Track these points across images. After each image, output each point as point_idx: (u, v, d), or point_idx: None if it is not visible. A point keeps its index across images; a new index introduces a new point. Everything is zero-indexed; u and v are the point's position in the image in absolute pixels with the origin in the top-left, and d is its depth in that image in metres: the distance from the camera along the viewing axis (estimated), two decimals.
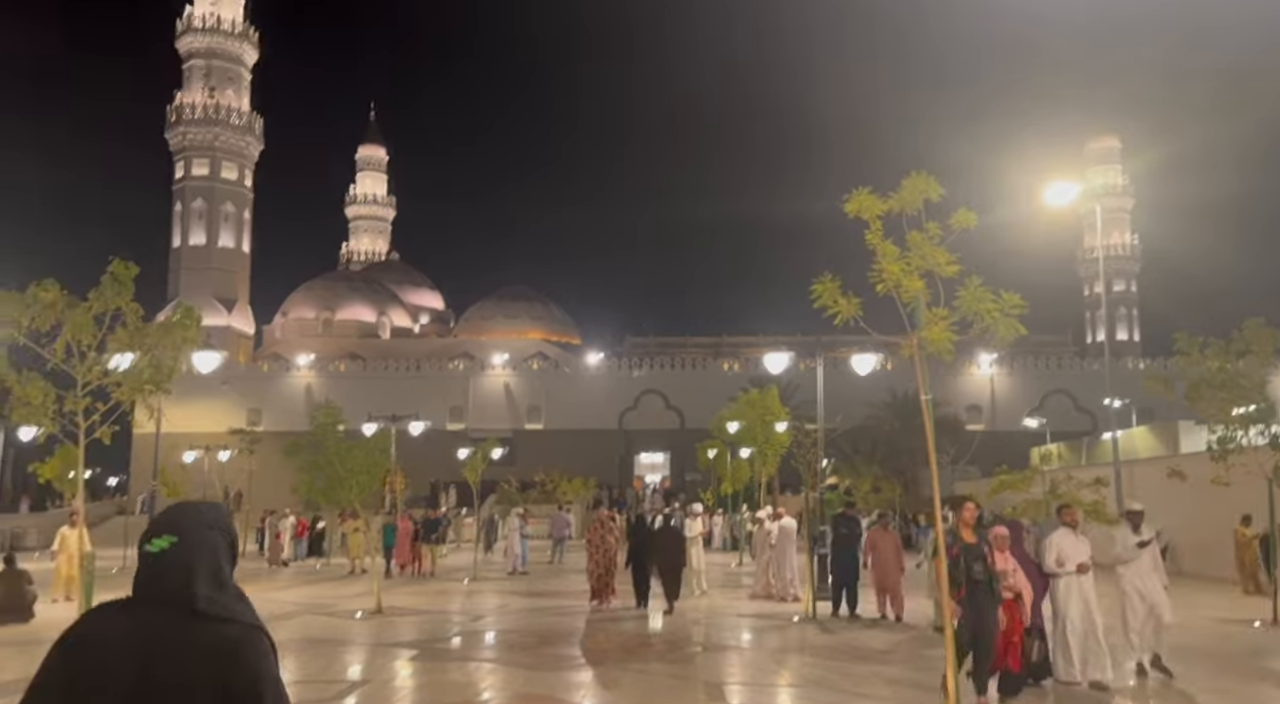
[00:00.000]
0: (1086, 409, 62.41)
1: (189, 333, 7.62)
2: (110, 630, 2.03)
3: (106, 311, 7.60)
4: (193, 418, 58.43)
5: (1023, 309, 6.84)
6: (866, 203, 7.11)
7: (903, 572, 14.22)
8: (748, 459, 28.20)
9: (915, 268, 7.09)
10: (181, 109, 72.74)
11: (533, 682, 9.60)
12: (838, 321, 7.38)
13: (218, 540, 2.12)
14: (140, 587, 2.08)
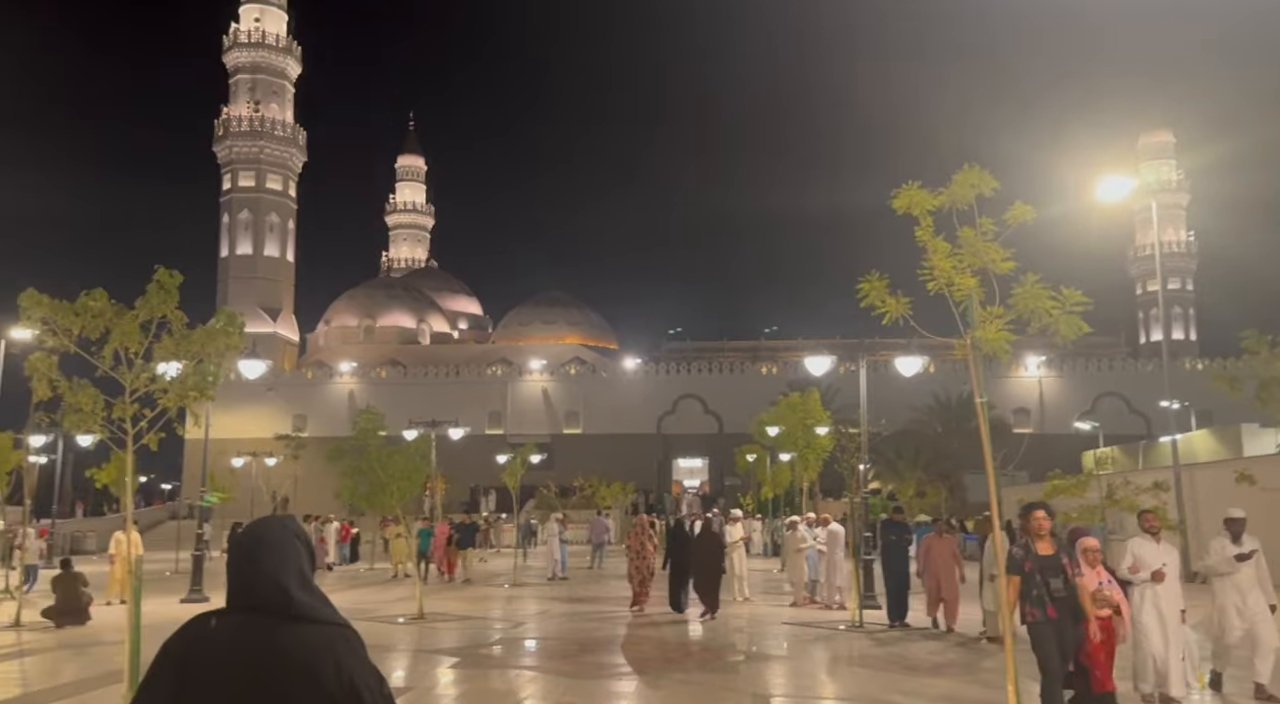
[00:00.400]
0: (1140, 412, 60.99)
1: (232, 339, 7.58)
2: (212, 635, 2.16)
3: (153, 319, 7.59)
4: (241, 424, 59.24)
5: (1086, 306, 6.57)
6: (916, 198, 6.89)
7: (962, 580, 13.71)
8: (788, 463, 27.92)
9: (968, 265, 6.87)
10: (228, 122, 73.97)
11: (574, 690, 9.46)
12: (886, 321, 7.16)
13: (300, 548, 2.28)
14: (235, 595, 2.22)
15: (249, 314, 72.43)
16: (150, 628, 13.90)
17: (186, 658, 2.16)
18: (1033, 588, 6.84)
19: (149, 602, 18.36)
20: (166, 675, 2.16)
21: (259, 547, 2.24)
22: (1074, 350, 69.04)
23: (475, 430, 58.60)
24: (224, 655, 2.13)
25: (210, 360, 7.62)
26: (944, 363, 62.41)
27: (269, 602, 2.17)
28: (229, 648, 2.13)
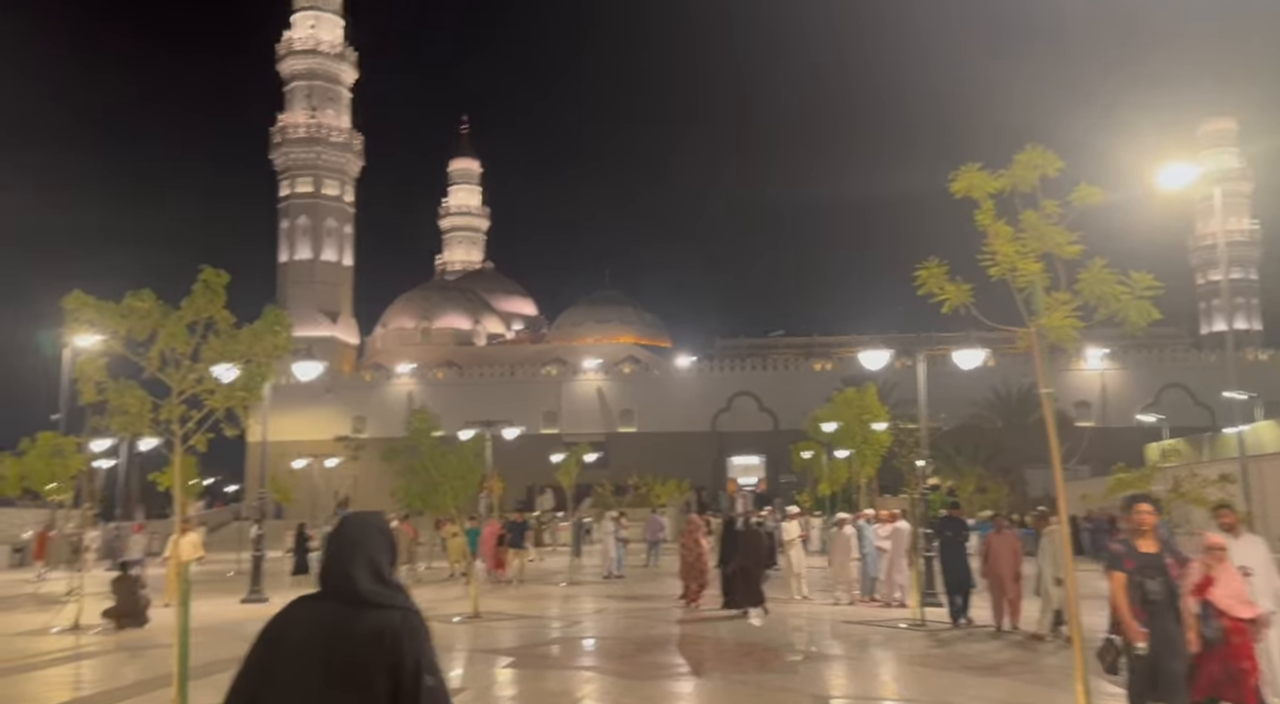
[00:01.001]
0: (1205, 404, 59.29)
1: (279, 339, 7.55)
2: (298, 619, 2.48)
3: (199, 320, 7.59)
4: (302, 426, 60.24)
5: (1156, 291, 6.24)
6: (976, 180, 6.60)
7: (1021, 578, 13.23)
8: (845, 460, 27.48)
9: (1031, 250, 6.58)
10: (285, 130, 75.18)
11: (630, 692, 9.32)
12: (945, 308, 6.88)
13: (379, 541, 2.55)
14: (322, 582, 2.54)
15: (308, 318, 73.63)
16: (209, 630, 14.12)
17: (277, 637, 2.50)
18: (1130, 589, 6.32)
19: (210, 603, 18.73)
20: (260, 652, 2.51)
21: (343, 541, 2.56)
22: (1136, 342, 67.38)
23: (530, 430, 58.85)
24: (304, 635, 2.44)
25: (258, 361, 7.59)
26: (1004, 356, 61.20)
27: (343, 589, 2.47)
28: (308, 628, 2.45)
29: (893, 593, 16.14)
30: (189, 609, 7.29)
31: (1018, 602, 12.96)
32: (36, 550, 31.60)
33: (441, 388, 67.25)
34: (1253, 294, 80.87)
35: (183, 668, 7.05)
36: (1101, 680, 9.01)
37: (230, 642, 12.78)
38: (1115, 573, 6.32)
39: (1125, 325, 6.34)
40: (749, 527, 16.66)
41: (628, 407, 67.55)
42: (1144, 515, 6.49)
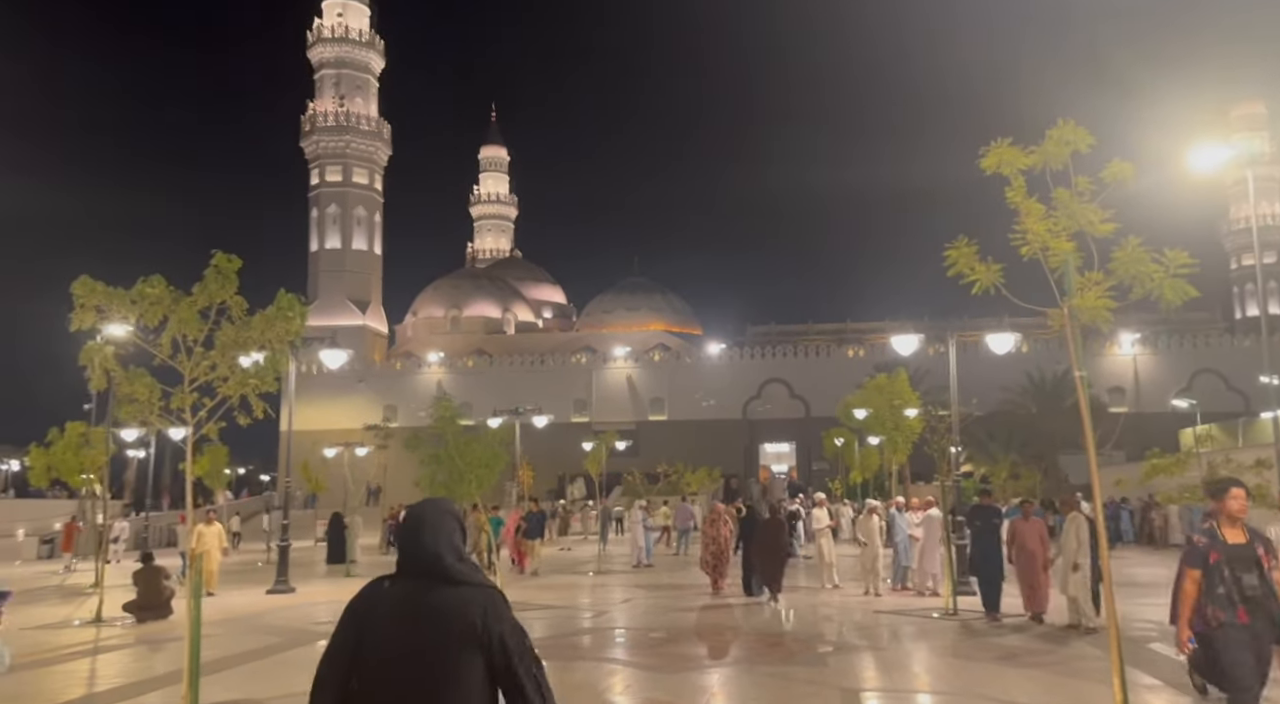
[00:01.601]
0: (1239, 389, 58.28)
1: (292, 325, 7.43)
2: (385, 594, 2.69)
3: (211, 305, 7.48)
4: (334, 415, 60.68)
5: (1193, 268, 5.97)
6: (1007, 156, 6.35)
7: (1049, 565, 12.89)
8: (877, 447, 27.14)
9: (1063, 228, 6.31)
10: (315, 118, 75.52)
11: (658, 684, 9.18)
12: (976, 289, 6.64)
13: (453, 524, 2.76)
14: (403, 562, 2.74)
15: (338, 307, 74.07)
16: (231, 621, 14.14)
17: (364, 612, 2.71)
18: (1218, 585, 5.55)
19: (236, 594, 18.81)
20: (349, 627, 2.71)
21: (421, 524, 2.75)
22: (1169, 327, 66.34)
23: (561, 418, 58.87)
24: (393, 610, 2.65)
25: (272, 347, 7.47)
26: (1037, 342, 60.34)
27: (429, 568, 2.68)
28: (397, 604, 2.66)
29: (925, 582, 15.91)
30: (200, 602, 7.20)
31: (1043, 590, 12.60)
32: (65, 542, 31.79)
33: (471, 376, 67.42)
34: None
35: (194, 664, 6.97)
36: (1139, 673, 8.75)
37: (251, 634, 12.82)
38: (1191, 570, 5.66)
39: (1160, 305, 6.07)
40: (769, 517, 16.71)
41: (658, 394, 67.36)
42: (1238, 501, 5.75)
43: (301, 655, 11.20)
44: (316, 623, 13.80)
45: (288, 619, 14.34)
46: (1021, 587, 12.91)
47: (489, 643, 2.62)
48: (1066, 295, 6.37)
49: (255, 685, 9.25)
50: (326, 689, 2.70)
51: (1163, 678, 8.83)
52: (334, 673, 2.71)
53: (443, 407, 14.51)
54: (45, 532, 36.50)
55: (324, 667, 2.74)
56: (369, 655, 2.66)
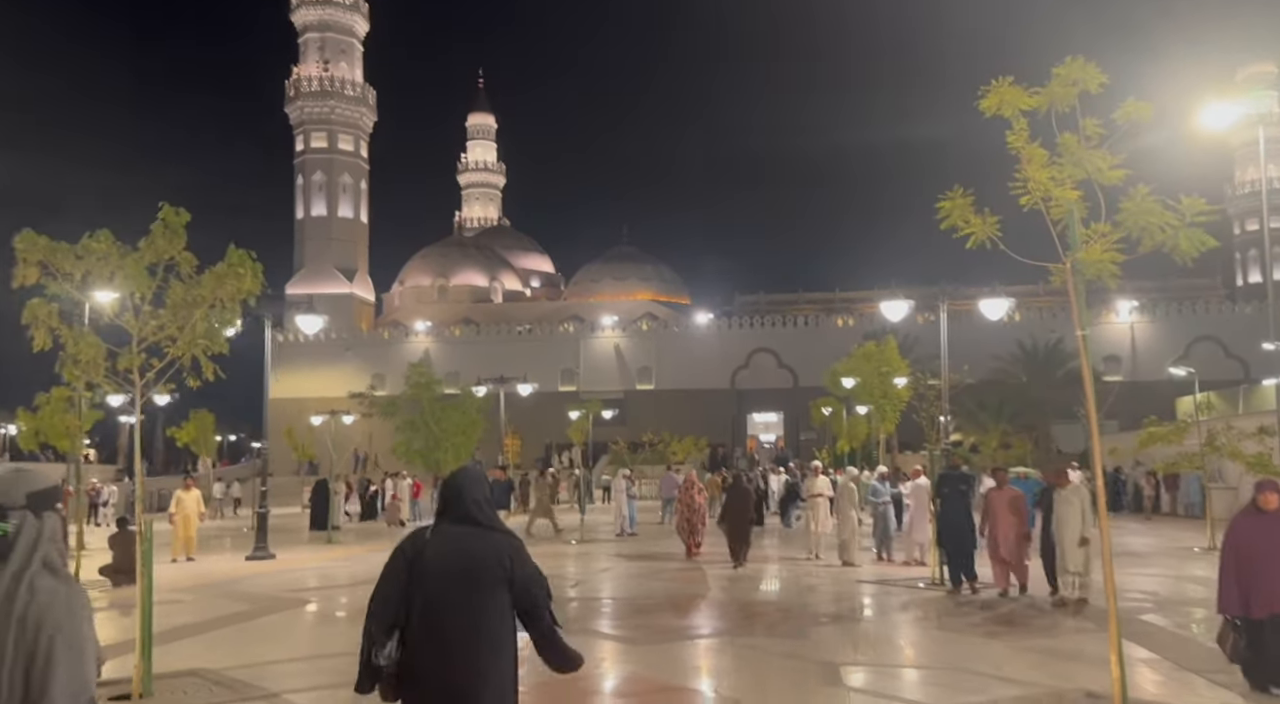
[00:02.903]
0: (1238, 356, 58.01)
1: (244, 282, 6.96)
2: (429, 539, 3.30)
3: (159, 262, 7.01)
4: (321, 383, 60.24)
5: (1211, 216, 5.53)
6: (1009, 96, 5.87)
7: (1027, 539, 12.09)
8: (865, 416, 26.85)
9: (1068, 177, 5.87)
10: (299, 83, 74.34)
11: (635, 657, 8.84)
12: (971, 243, 6.18)
13: (484, 485, 3.46)
14: (445, 512, 3.38)
15: (325, 275, 73.34)
16: (205, 587, 13.81)
17: (414, 553, 3.29)
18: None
19: (215, 559, 18.51)
20: (400, 564, 3.29)
21: (463, 480, 3.43)
22: (1168, 294, 66.05)
23: (548, 388, 58.47)
24: (437, 550, 3.26)
25: (223, 306, 7.02)
26: (1029, 310, 60.07)
27: (467, 516, 3.32)
28: (441, 545, 3.27)
29: (913, 551, 15.64)
30: (151, 571, 6.80)
31: (1020, 562, 11.97)
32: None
33: (459, 345, 66.91)
34: None
35: (145, 633, 6.59)
36: (1133, 645, 8.43)
37: (222, 600, 12.48)
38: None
39: (1161, 269, 5.68)
40: (737, 484, 17.08)
41: (646, 364, 66.99)
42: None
43: (268, 624, 10.84)
44: (290, 590, 13.44)
45: (262, 586, 13.97)
46: (992, 560, 12.22)
47: (514, 579, 3.29)
48: (1070, 249, 5.95)
49: (215, 654, 8.86)
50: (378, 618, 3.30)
51: (1158, 651, 8.52)
52: (383, 606, 3.29)
53: (418, 373, 14.16)
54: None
55: (376, 601, 3.32)
56: (418, 587, 3.25)
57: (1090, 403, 6.06)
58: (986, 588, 12.32)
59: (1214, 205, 5.58)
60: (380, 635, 3.27)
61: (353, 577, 15.57)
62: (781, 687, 7.43)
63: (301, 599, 12.63)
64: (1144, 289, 65.32)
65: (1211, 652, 8.50)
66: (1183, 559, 16.53)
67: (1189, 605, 11.66)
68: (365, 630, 3.32)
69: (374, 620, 3.31)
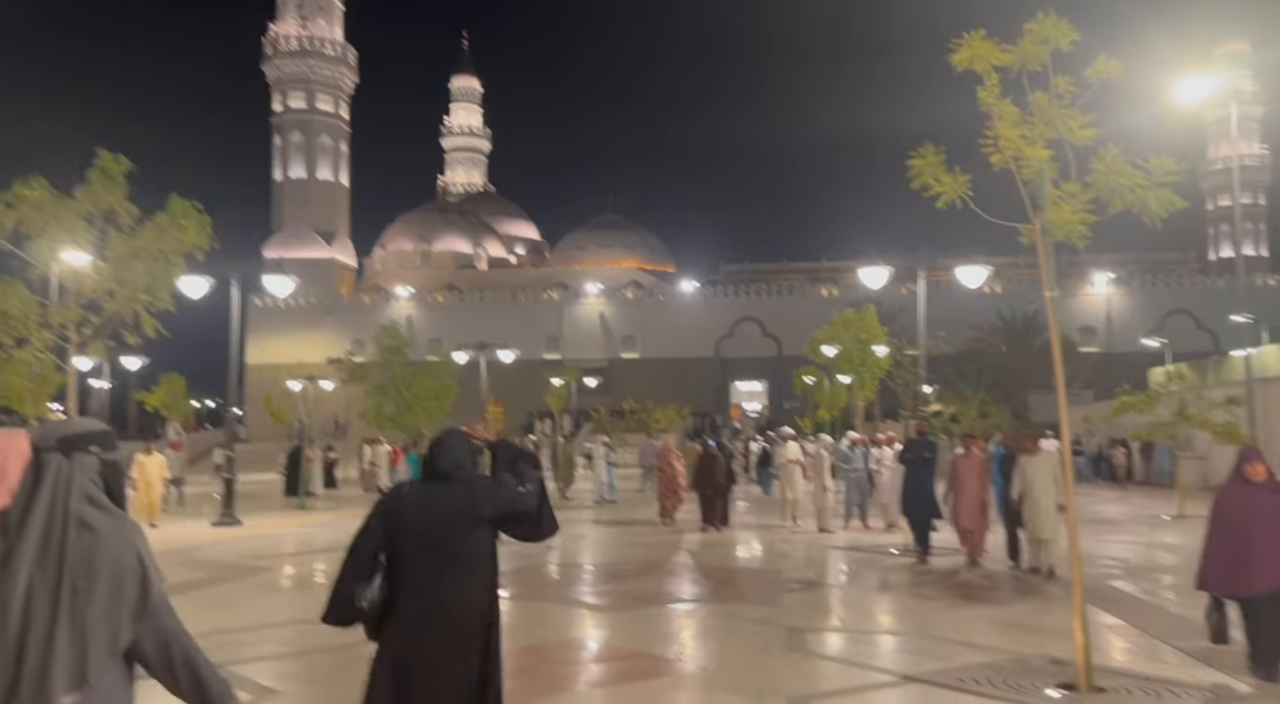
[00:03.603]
0: (1208, 328, 58.71)
1: (186, 235, 6.73)
2: (408, 493, 3.76)
3: (97, 211, 6.76)
4: (300, 349, 59.77)
5: (1179, 176, 5.40)
6: (980, 50, 5.70)
7: (985, 506, 11.78)
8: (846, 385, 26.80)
9: (1039, 136, 5.73)
10: (276, 41, 73.10)
11: (604, 623, 8.78)
12: (941, 202, 6.04)
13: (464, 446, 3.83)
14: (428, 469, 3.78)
15: (304, 239, 72.57)
16: (167, 553, 13.51)
17: (391, 506, 3.65)
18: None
19: (180, 526, 18.24)
20: (380, 516, 3.63)
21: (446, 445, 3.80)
22: (1142, 267, 66.45)
23: (532, 355, 58.31)
24: (414, 502, 3.65)
25: (166, 259, 6.79)
26: (1009, 282, 60.17)
27: (445, 472, 3.70)
28: (417, 497, 3.68)
29: (895, 517, 15.69)
30: None
31: (980, 531, 11.74)
32: None
33: (441, 312, 66.59)
34: (1260, 220, 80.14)
35: None
36: (1101, 612, 8.42)
37: (178, 568, 12.23)
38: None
39: (1136, 237, 5.52)
40: (708, 452, 17.42)
41: (630, 332, 66.88)
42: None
43: (222, 592, 10.66)
44: (251, 557, 13.26)
45: (222, 553, 13.78)
46: (956, 528, 12.00)
47: (487, 516, 3.66)
48: (1040, 210, 5.81)
49: None
50: (360, 559, 3.59)
51: (1125, 617, 8.51)
52: (365, 547, 3.60)
53: (388, 336, 13.96)
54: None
55: (359, 543, 3.62)
56: (398, 533, 3.59)
57: (1058, 365, 5.96)
58: (948, 555, 12.24)
59: (1182, 165, 5.43)
60: (361, 582, 3.56)
61: (316, 544, 15.41)
62: (749, 653, 7.38)
63: (261, 567, 12.45)
64: (1120, 262, 65.76)
65: (1178, 618, 8.53)
66: (1153, 527, 16.61)
67: (1158, 572, 11.68)
68: (342, 575, 3.59)
69: (354, 567, 3.58)
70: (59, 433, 2.44)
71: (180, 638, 2.46)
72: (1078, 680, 5.87)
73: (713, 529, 16.11)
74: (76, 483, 2.36)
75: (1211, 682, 6.17)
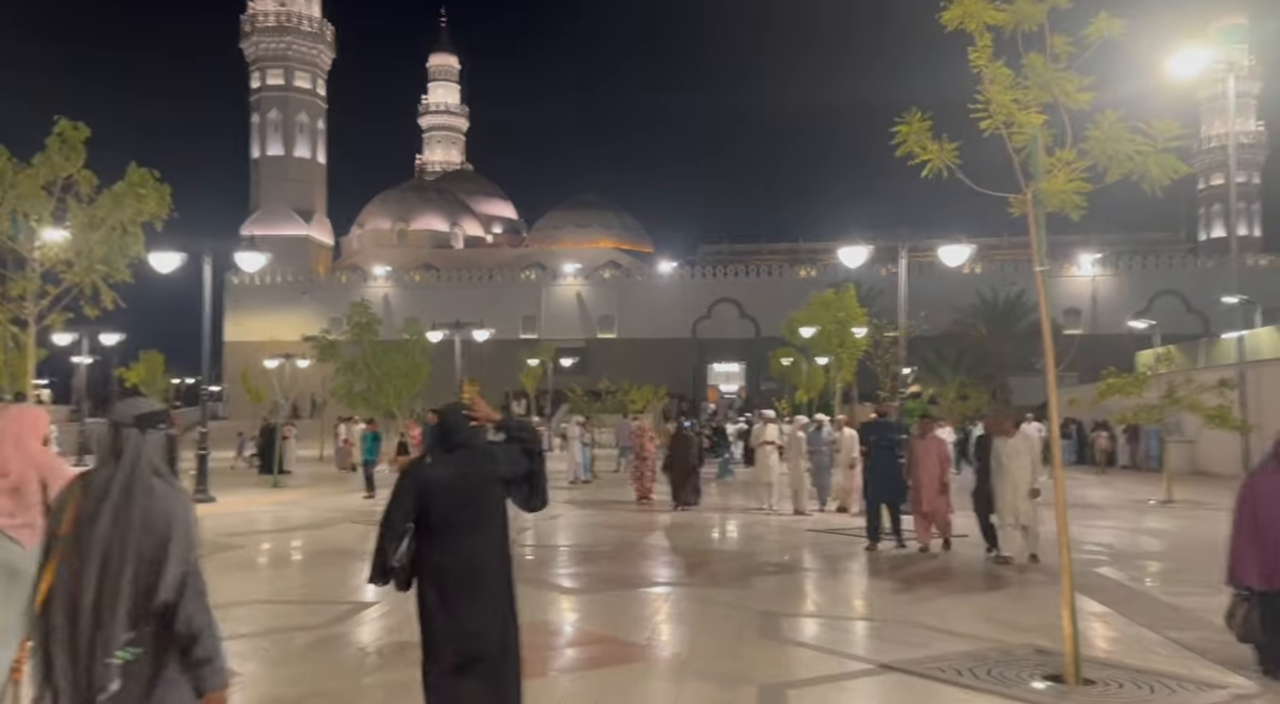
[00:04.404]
0: (1198, 310, 58.51)
1: (145, 204, 6.37)
2: (431, 463, 4.31)
3: (55, 179, 6.38)
4: (277, 327, 59.12)
5: (1183, 140, 5.13)
6: (973, 8, 5.38)
7: (944, 488, 11.36)
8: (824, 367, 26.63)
9: (1033, 100, 5.44)
10: (254, 18, 72.00)
11: (574, 606, 8.51)
12: (926, 171, 5.73)
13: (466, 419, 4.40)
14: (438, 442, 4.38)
15: (281, 216, 71.69)
16: None
17: (419, 477, 4.23)
18: None
19: None
20: (408, 486, 4.21)
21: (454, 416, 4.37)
22: (1130, 247, 66.37)
23: (509, 335, 57.89)
24: (441, 471, 4.23)
25: (124, 229, 6.43)
26: (991, 263, 60.18)
27: (461, 442, 4.30)
28: (441, 467, 4.25)
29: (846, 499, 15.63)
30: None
31: (943, 516, 11.33)
32: None
33: (418, 291, 66.00)
34: (1254, 199, 79.64)
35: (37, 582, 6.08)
36: (1087, 599, 8.21)
37: None
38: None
39: (1145, 183, 5.22)
40: (680, 432, 17.94)
41: (608, 312, 66.53)
42: None
43: None
44: (221, 534, 12.91)
45: None
46: (915, 514, 11.51)
47: (502, 473, 4.27)
48: (1032, 178, 5.53)
49: None
50: (393, 525, 4.15)
51: (1111, 605, 8.31)
52: (397, 515, 4.15)
53: (357, 313, 13.60)
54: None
55: (391, 511, 4.17)
56: (427, 499, 4.14)
57: (1047, 343, 5.70)
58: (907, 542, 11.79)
59: (1186, 129, 5.15)
60: (392, 543, 4.15)
61: (291, 522, 15.11)
62: (722, 639, 7.12)
63: (233, 544, 12.13)
64: (1107, 242, 65.61)
65: (1168, 606, 8.33)
66: (1139, 512, 16.49)
67: (1145, 558, 11.53)
68: (379, 538, 4.19)
69: (387, 531, 4.19)
70: (134, 411, 2.96)
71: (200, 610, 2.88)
72: (1065, 672, 5.64)
73: (682, 508, 16.40)
74: (146, 455, 2.91)
75: (1206, 675, 5.95)
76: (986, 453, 10.95)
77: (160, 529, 2.81)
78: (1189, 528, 14.27)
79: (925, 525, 11.38)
